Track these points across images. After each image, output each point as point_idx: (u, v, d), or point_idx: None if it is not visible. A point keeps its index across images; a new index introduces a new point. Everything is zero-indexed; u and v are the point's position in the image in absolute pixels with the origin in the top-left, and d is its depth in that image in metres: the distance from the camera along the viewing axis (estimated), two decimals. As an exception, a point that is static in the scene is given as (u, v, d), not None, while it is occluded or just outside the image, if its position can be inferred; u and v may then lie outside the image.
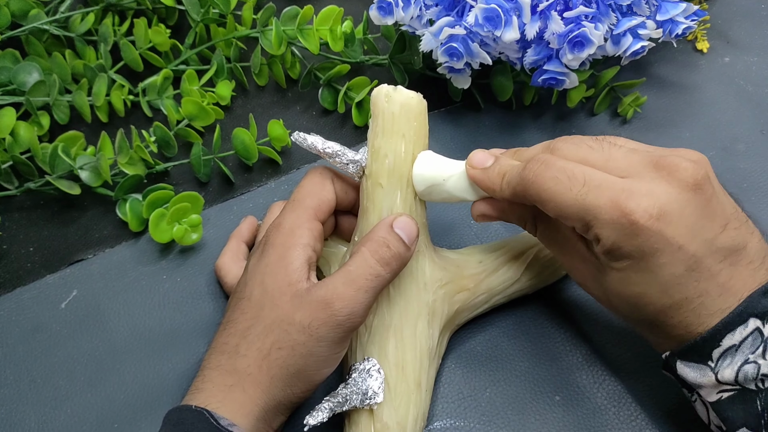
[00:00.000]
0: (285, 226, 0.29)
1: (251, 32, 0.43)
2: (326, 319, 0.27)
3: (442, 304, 0.31)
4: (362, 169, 0.30)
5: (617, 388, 0.32)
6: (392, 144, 0.29)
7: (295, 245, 0.28)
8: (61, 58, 0.41)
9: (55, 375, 0.33)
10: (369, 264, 0.27)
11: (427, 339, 0.30)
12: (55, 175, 0.37)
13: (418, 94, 0.30)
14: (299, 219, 0.29)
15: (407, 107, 0.29)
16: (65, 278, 0.36)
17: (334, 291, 0.27)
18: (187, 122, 0.40)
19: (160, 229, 0.36)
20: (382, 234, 0.28)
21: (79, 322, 0.35)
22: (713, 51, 0.46)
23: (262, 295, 0.28)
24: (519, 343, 0.34)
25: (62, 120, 0.41)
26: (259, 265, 0.29)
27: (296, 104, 0.44)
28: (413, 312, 0.30)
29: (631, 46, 0.37)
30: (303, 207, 0.30)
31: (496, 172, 0.29)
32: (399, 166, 0.29)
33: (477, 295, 0.32)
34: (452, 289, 0.31)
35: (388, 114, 0.29)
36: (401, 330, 0.29)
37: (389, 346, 0.29)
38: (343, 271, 0.27)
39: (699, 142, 0.42)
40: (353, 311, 0.27)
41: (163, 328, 0.35)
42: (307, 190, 0.30)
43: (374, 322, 0.29)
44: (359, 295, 0.27)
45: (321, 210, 0.30)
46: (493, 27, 0.35)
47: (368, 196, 0.30)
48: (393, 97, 0.29)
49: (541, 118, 0.43)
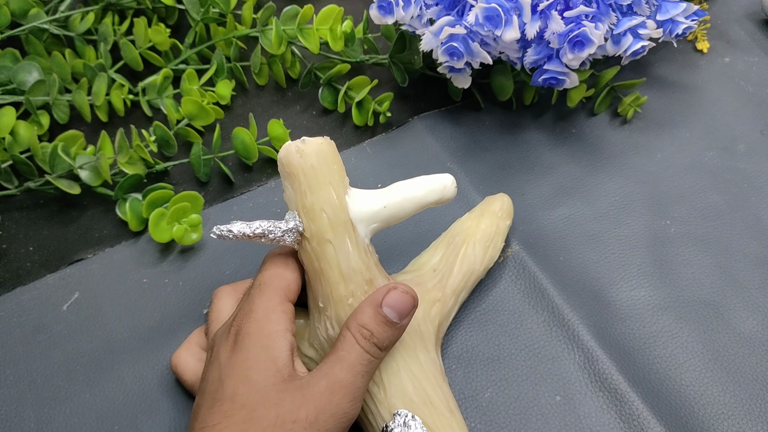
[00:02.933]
0: (258, 313, 0.27)
1: (251, 31, 0.43)
2: (333, 411, 0.25)
3: (425, 325, 0.31)
4: (300, 235, 0.29)
5: (619, 388, 0.32)
6: (324, 196, 0.28)
7: (276, 333, 0.26)
8: (61, 58, 0.41)
9: (55, 376, 0.33)
10: (358, 351, 0.26)
11: (433, 363, 0.30)
12: (54, 174, 0.37)
13: (324, 137, 0.29)
14: (271, 303, 0.27)
15: (323, 154, 0.28)
16: (66, 279, 0.36)
17: (335, 380, 0.25)
18: (186, 122, 0.40)
19: (160, 228, 0.36)
20: (368, 318, 0.27)
21: (80, 324, 0.35)
22: (713, 51, 0.46)
23: (250, 393, 0.25)
24: (520, 342, 0.34)
25: (62, 119, 0.41)
26: (236, 358, 0.26)
27: (296, 104, 0.44)
28: (410, 347, 0.30)
29: (631, 45, 0.37)
30: (272, 289, 0.28)
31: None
32: (338, 215, 0.28)
33: (448, 301, 0.32)
34: (426, 307, 0.31)
35: (308, 169, 0.28)
36: (409, 368, 0.29)
37: (408, 389, 0.28)
38: (336, 357, 0.26)
39: (699, 142, 0.42)
40: (355, 397, 0.26)
41: (163, 329, 0.35)
42: (271, 272, 0.29)
43: (382, 375, 0.29)
44: (358, 380, 0.26)
45: (290, 290, 0.28)
46: (494, 26, 0.35)
47: (319, 257, 0.28)
48: (306, 151, 0.28)
49: (541, 118, 0.43)
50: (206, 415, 0.25)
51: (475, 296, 0.36)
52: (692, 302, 0.35)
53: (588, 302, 0.35)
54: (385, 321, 0.27)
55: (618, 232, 0.38)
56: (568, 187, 0.40)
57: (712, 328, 0.35)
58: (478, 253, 0.34)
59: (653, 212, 0.39)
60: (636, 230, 0.38)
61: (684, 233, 0.38)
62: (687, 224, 0.39)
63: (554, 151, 0.42)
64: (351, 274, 0.29)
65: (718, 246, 0.38)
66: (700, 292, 0.36)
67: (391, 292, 0.27)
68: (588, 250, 0.37)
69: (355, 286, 0.29)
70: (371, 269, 0.29)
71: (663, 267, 0.37)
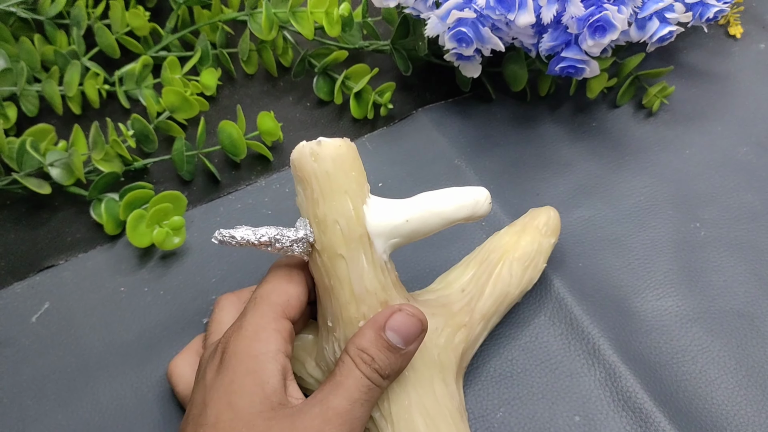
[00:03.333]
0: (247, 330, 0.26)
1: (239, 15, 0.42)
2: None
3: (447, 354, 0.30)
4: (310, 246, 0.28)
5: (644, 408, 0.32)
6: (338, 206, 0.27)
7: (264, 354, 0.26)
8: (30, 44, 0.41)
9: (23, 394, 0.33)
10: (357, 376, 0.26)
11: (451, 398, 0.29)
12: (22, 172, 0.36)
13: (344, 138, 0.28)
14: (263, 319, 0.27)
15: (340, 159, 0.27)
16: (35, 287, 0.36)
17: (329, 407, 0.25)
18: (168, 114, 0.40)
19: (139, 232, 0.36)
20: (368, 342, 0.26)
21: (51, 337, 0.34)
22: (747, 36, 0.46)
23: (234, 420, 0.24)
24: (535, 357, 0.34)
25: (31, 112, 0.40)
26: (221, 380, 0.26)
27: (288, 94, 0.44)
28: (426, 378, 0.29)
29: (657, 31, 0.37)
30: (267, 304, 0.27)
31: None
32: (353, 228, 0.27)
33: (475, 327, 0.31)
34: (450, 332, 0.30)
35: (322, 175, 0.27)
36: (422, 403, 0.28)
37: (419, 426, 0.28)
38: (333, 383, 0.26)
39: (731, 137, 0.42)
40: (353, 428, 0.25)
41: (142, 343, 0.34)
42: (270, 286, 0.28)
43: (391, 408, 0.28)
44: (356, 409, 0.25)
45: (290, 306, 0.28)
46: (506, 10, 0.34)
47: (329, 273, 0.28)
48: (321, 154, 0.27)
49: (558, 110, 0.43)
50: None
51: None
52: (724, 313, 0.35)
53: (610, 313, 0.35)
54: (388, 346, 0.26)
55: (643, 236, 0.38)
56: (587, 186, 0.40)
57: (746, 342, 0.34)
58: (515, 274, 0.32)
59: (681, 214, 0.39)
60: (662, 234, 0.38)
61: (715, 237, 0.38)
62: (718, 227, 0.38)
63: (572, 146, 0.42)
64: (364, 295, 0.28)
65: (752, 251, 0.37)
66: (732, 302, 0.36)
67: (396, 314, 0.27)
68: (610, 256, 0.37)
69: (368, 309, 0.28)
70: (388, 290, 0.28)
71: (692, 274, 0.37)
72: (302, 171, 0.28)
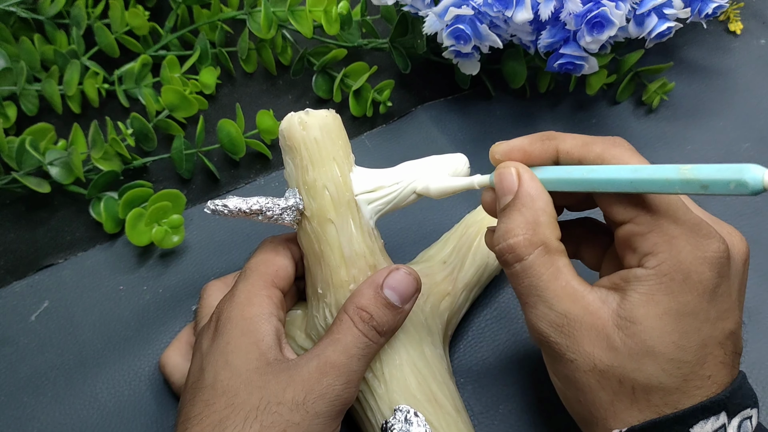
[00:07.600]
0: (240, 297, 0.28)
1: (238, 14, 0.43)
2: (324, 392, 0.25)
3: (433, 320, 0.31)
4: (300, 213, 0.29)
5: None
6: (327, 172, 0.29)
7: (258, 316, 0.27)
8: (30, 44, 0.41)
9: (21, 392, 0.33)
10: (355, 333, 0.27)
11: (440, 360, 0.30)
12: (22, 171, 0.37)
13: (330, 110, 0.30)
14: (254, 287, 0.28)
15: (327, 128, 0.29)
16: (34, 286, 0.36)
17: (326, 360, 0.26)
18: (167, 113, 0.40)
19: (138, 230, 0.36)
20: (367, 300, 0.27)
21: (50, 335, 0.35)
22: (747, 32, 0.46)
23: (231, 378, 0.26)
24: (535, 350, 0.34)
25: (30, 111, 0.41)
26: (217, 345, 0.27)
27: (288, 93, 0.44)
28: (416, 340, 0.30)
29: (656, 27, 0.37)
30: (257, 274, 0.28)
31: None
32: (342, 193, 0.29)
33: (458, 296, 0.32)
34: (435, 300, 0.32)
35: (310, 142, 0.29)
36: (414, 364, 0.29)
37: (412, 384, 0.29)
38: (331, 339, 0.27)
39: (733, 132, 0.42)
40: (350, 380, 0.26)
41: (141, 341, 0.35)
42: (259, 258, 0.29)
43: (384, 368, 0.29)
44: (353, 363, 0.26)
45: (279, 276, 0.29)
46: (504, 6, 0.35)
47: (319, 238, 0.29)
48: (309, 123, 0.29)
49: (558, 107, 0.43)
50: (188, 408, 0.26)
51: (483, 303, 0.36)
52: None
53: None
54: (386, 304, 0.27)
55: (643, 233, 0.38)
56: (587, 182, 0.40)
57: (748, 338, 0.34)
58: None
59: (682, 210, 0.39)
60: (663, 230, 0.38)
61: (716, 233, 0.38)
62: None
63: (572, 143, 0.42)
64: (353, 258, 0.29)
65: (755, 246, 0.37)
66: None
67: (393, 272, 0.28)
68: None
69: (358, 271, 0.29)
70: (375, 254, 0.29)
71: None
72: (292, 139, 0.29)
